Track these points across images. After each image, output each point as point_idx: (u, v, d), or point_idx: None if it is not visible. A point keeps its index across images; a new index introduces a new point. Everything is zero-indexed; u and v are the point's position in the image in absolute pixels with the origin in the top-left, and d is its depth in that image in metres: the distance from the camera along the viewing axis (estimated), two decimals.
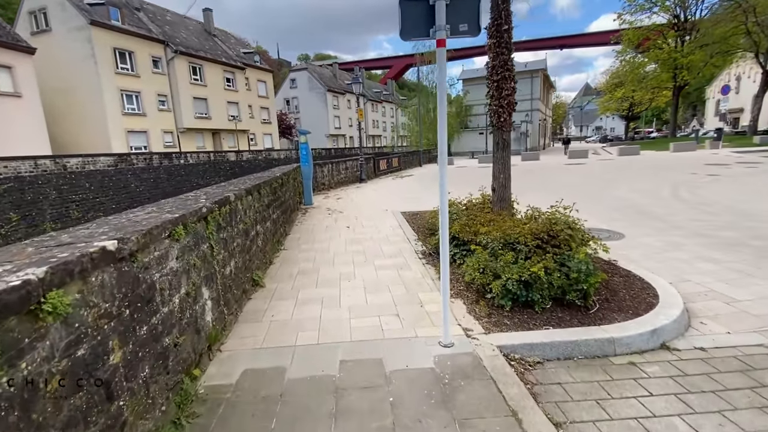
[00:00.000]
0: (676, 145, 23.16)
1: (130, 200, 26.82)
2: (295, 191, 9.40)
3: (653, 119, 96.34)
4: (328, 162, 14.06)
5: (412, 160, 26.63)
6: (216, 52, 39.39)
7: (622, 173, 14.76)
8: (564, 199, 4.49)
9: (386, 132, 75.58)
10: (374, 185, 15.28)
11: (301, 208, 9.82)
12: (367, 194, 12.39)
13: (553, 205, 4.30)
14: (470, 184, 13.24)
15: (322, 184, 13.62)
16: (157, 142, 33.34)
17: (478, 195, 6.62)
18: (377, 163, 19.13)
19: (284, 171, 7.87)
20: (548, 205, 4.54)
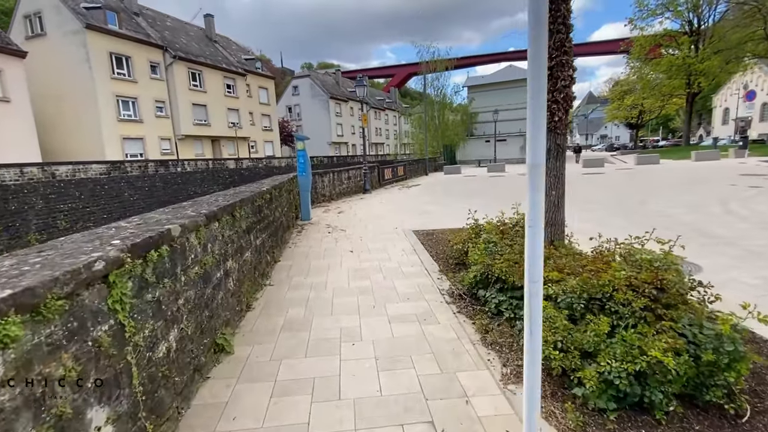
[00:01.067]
0: (698, 153, 21.88)
1: (123, 210, 25.71)
2: (291, 206, 8.16)
3: (659, 127, 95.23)
4: (329, 171, 12.85)
5: (417, 168, 25.44)
6: (216, 58, 38.57)
7: (650, 184, 13.47)
8: (596, 213, 3.21)
9: (389, 140, 74.68)
10: (379, 196, 14.04)
11: (297, 224, 8.57)
12: (372, 207, 11.13)
13: (621, 238, 3.01)
14: (491, 196, 11.96)
15: (322, 195, 12.39)
16: (154, 149, 32.31)
17: (512, 214, 5.32)
18: (382, 172, 17.92)
19: (276, 183, 6.64)
20: (580, 221, 3.27)
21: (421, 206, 10.92)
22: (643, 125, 61.80)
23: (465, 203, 10.95)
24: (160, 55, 32.62)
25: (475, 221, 5.61)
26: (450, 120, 42.13)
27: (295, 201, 9.22)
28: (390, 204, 11.68)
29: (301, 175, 8.87)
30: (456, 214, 9.16)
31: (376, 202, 12.17)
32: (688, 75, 33.32)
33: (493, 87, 47.74)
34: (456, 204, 10.97)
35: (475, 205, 9.74)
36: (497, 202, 11.10)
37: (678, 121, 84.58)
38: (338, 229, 7.81)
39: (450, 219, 8.58)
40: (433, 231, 7.20)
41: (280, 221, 6.51)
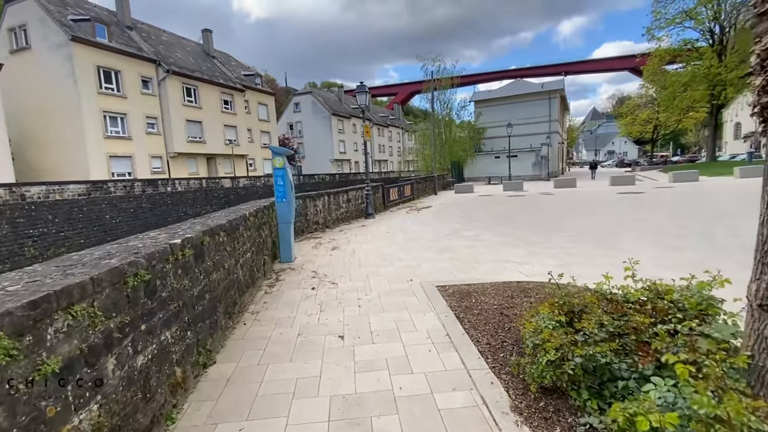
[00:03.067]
0: (743, 170, 19.44)
1: (104, 233, 23.47)
2: (261, 247, 5.79)
3: (668, 143, 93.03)
4: (323, 193, 10.51)
5: (425, 187, 23.14)
6: (214, 74, 37.04)
7: (722, 208, 11.02)
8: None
9: (393, 157, 72.96)
10: (385, 223, 11.65)
11: (272, 271, 6.17)
12: (376, 239, 8.72)
13: None
14: (524, 224, 9.55)
15: (314, 223, 10.03)
16: (143, 167, 30.34)
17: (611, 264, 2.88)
18: (387, 192, 15.60)
19: (238, 216, 4.33)
20: None
21: (439, 238, 8.50)
22: (658, 140, 59.51)
23: (495, 233, 8.55)
24: (152, 69, 31.02)
25: (556, 285, 3.22)
26: (457, 135, 40.14)
27: (272, 237, 6.85)
28: (399, 234, 9.27)
29: (280, 201, 6.52)
30: (489, 251, 6.74)
31: (382, 232, 9.76)
32: (713, 86, 31.19)
33: (501, 101, 45.89)
34: (484, 235, 8.57)
35: (509, 236, 7.28)
36: (537, 232, 8.72)
37: (690, 136, 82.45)
38: (327, 281, 5.39)
39: (484, 260, 6.16)
40: (469, 287, 4.77)
41: (235, 278, 4.12)
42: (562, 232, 8.54)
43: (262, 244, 5.82)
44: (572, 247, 6.95)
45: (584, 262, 5.94)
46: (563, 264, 5.84)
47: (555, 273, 5.54)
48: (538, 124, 43.98)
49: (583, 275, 5.26)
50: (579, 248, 6.89)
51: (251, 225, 5.16)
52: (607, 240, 7.47)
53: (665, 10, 33.10)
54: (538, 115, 44.09)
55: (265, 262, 5.87)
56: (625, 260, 5.80)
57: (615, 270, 5.46)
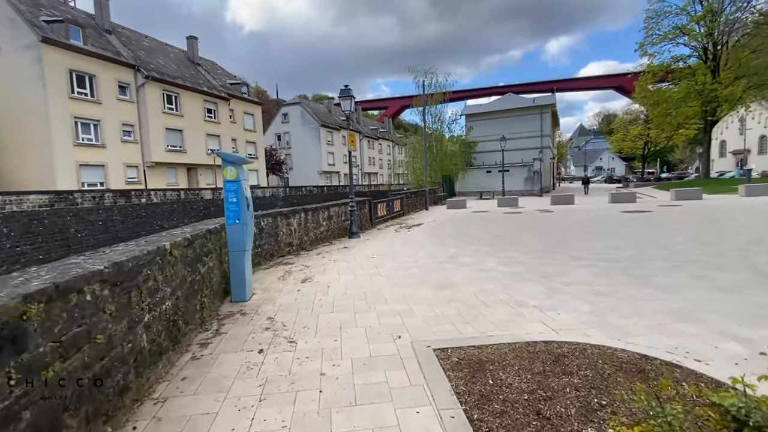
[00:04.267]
0: (749, 188, 18.60)
1: (66, 248, 21.56)
2: (199, 287, 4.32)
3: (655, 160, 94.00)
4: (299, 210, 9.05)
5: (416, 202, 21.85)
6: (197, 81, 35.66)
7: (748, 229, 9.89)
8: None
9: (383, 169, 71.98)
10: (371, 244, 10.22)
11: (216, 316, 4.68)
12: (359, 267, 7.27)
13: None
14: (532, 247, 8.24)
15: (288, 245, 8.55)
16: (117, 177, 28.58)
17: None
18: (374, 207, 14.21)
19: (144, 252, 2.89)
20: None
21: (433, 267, 7.10)
22: (648, 157, 59.59)
23: (500, 260, 7.16)
24: (131, 74, 29.52)
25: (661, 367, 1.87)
26: (448, 149, 39.19)
27: (222, 268, 5.38)
28: (386, 261, 7.84)
29: (232, 224, 5.06)
30: (498, 287, 5.34)
31: (366, 256, 8.32)
32: (707, 102, 30.83)
33: (493, 116, 45.32)
34: (487, 262, 7.19)
35: (517, 264, 5.97)
36: (548, 259, 6.95)
37: (677, 153, 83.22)
38: (283, 338, 3.92)
39: (493, 301, 4.77)
40: (480, 352, 3.37)
41: (117, 356, 2.64)
42: (578, 259, 7.22)
43: (200, 282, 4.34)
44: (598, 283, 5.61)
45: (623, 306, 4.59)
46: (597, 310, 4.48)
47: (590, 322, 4.20)
48: (529, 138, 43.41)
49: (631, 329, 3.84)
50: (607, 283, 5.55)
51: (177, 260, 3.69)
52: (636, 272, 6.16)
53: (658, 26, 32.97)
54: (529, 129, 43.55)
55: (204, 306, 4.38)
56: (669, 299, 4.49)
57: (666, 319, 4.10)
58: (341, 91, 10.45)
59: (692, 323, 4.00)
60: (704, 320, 4.07)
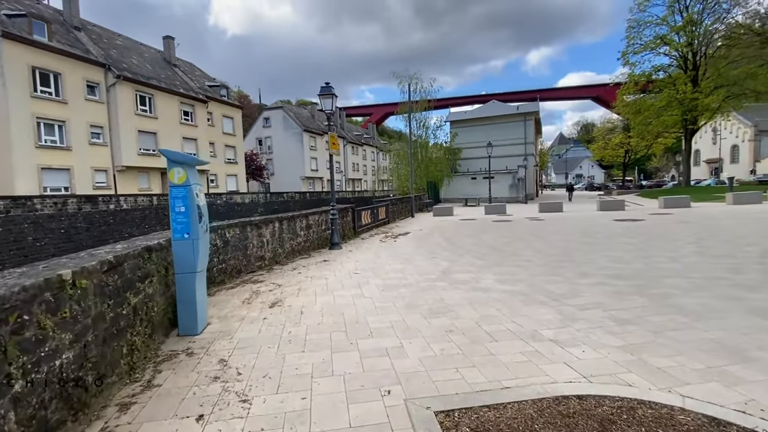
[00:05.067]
0: (736, 196, 18.49)
1: (22, 258, 19.87)
2: (128, 324, 3.32)
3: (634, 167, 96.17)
4: (273, 219, 8.05)
5: (402, 209, 21.03)
6: (173, 82, 34.22)
7: (754, 239, 9.40)
8: None
9: (367, 176, 71.19)
10: (354, 255, 9.29)
11: (152, 359, 3.68)
12: (339, 286, 6.31)
13: None
14: (531, 260, 7.47)
15: (259, 259, 7.55)
16: (84, 182, 26.86)
17: None
18: (358, 215, 13.30)
19: (4, 295, 1.90)
20: None
21: (425, 286, 6.22)
22: (629, 164, 60.59)
23: (499, 277, 6.23)
24: (101, 74, 27.97)
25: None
26: (433, 155, 38.70)
27: (169, 292, 4.38)
28: (370, 277, 6.92)
29: (180, 239, 4.08)
30: (503, 312, 4.44)
31: (348, 272, 7.38)
32: (687, 111, 31.20)
33: (477, 122, 45.13)
34: (485, 278, 6.35)
35: (519, 282, 5.15)
36: (553, 275, 6.15)
37: (654, 162, 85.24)
38: (234, 393, 2.96)
39: (502, 333, 3.92)
40: (498, 417, 2.49)
41: None
42: (584, 275, 6.47)
43: (129, 316, 3.34)
44: (615, 306, 4.84)
45: (656, 339, 3.80)
46: (628, 345, 3.68)
47: (625, 363, 3.38)
48: (513, 146, 43.32)
49: (679, 373, 3.00)
50: (626, 307, 4.78)
51: (89, 293, 2.71)
52: (653, 291, 5.42)
53: (639, 35, 33.34)
54: (513, 137, 43.47)
55: (135, 348, 3.37)
56: (705, 328, 3.72)
57: (716, 359, 3.15)
58: (321, 88, 9.55)
59: (750, 365, 3.22)
60: (762, 359, 3.30)
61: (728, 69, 29.60)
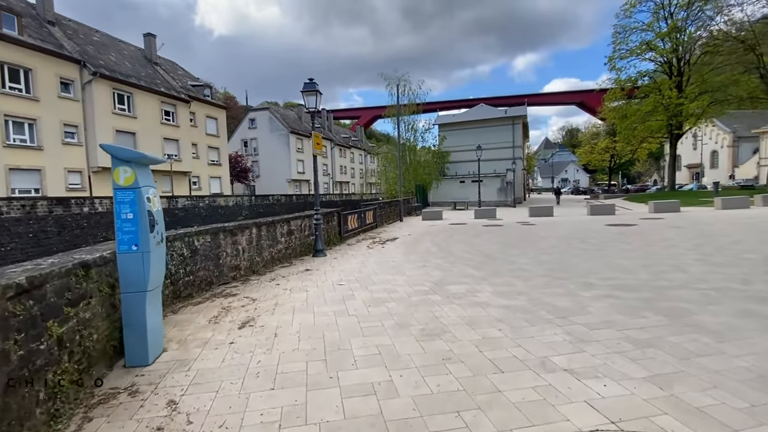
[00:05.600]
0: (725, 200, 18.48)
1: None
2: (54, 361, 2.63)
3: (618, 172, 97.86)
4: (250, 225, 7.37)
5: (390, 212, 20.47)
6: (154, 81, 33.10)
7: (757, 245, 9.11)
8: None
9: (355, 179, 70.55)
10: (339, 264, 8.66)
11: (96, 395, 2.99)
12: (321, 301, 5.66)
13: None
14: (534, 270, 6.95)
15: (233, 269, 6.86)
16: (57, 183, 25.60)
17: None
18: (344, 220, 12.68)
19: None
20: None
21: (417, 301, 5.63)
22: (615, 169, 61.34)
23: (497, 289, 5.60)
24: (75, 71, 26.76)
25: None
26: (422, 158, 38.34)
27: (116, 315, 3.69)
28: (356, 289, 6.30)
29: (127, 251, 3.42)
30: (506, 334, 3.79)
31: (331, 284, 6.75)
32: (673, 116, 31.50)
33: (466, 126, 44.98)
34: (482, 291, 5.80)
35: (519, 295, 4.77)
36: (554, 287, 5.70)
37: (638, 166, 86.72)
38: None
39: (507, 360, 3.35)
40: None
41: None
42: (587, 287, 5.98)
43: (49, 353, 2.67)
44: (629, 324, 4.34)
45: (683, 367, 3.29)
46: (655, 375, 3.15)
47: (657, 401, 2.82)
48: (502, 149, 43.27)
49: (723, 415, 2.52)
50: (641, 325, 4.29)
51: None
52: (665, 305, 4.96)
53: (625, 41, 33.62)
54: (501, 140, 43.43)
55: (58, 392, 2.70)
56: (735, 353, 3.20)
57: (760, 394, 2.16)
58: (305, 84, 8.93)
59: None
60: None
61: (712, 75, 29.98)
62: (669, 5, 32.22)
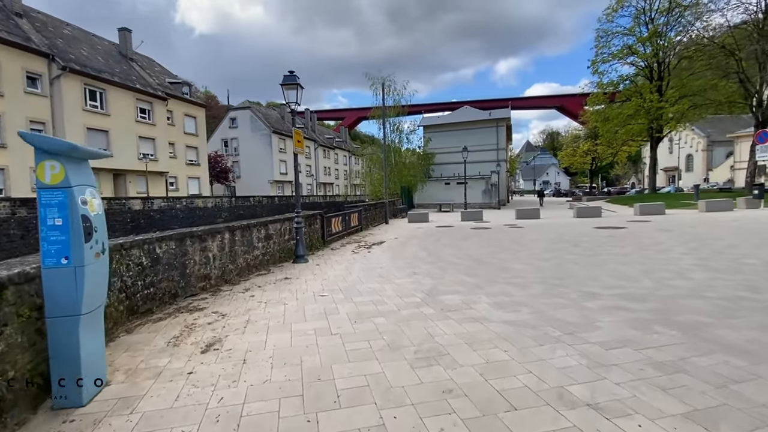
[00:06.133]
0: (709, 203, 18.58)
1: None
2: None
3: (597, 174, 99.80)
4: (221, 230, 6.67)
5: (375, 214, 19.89)
6: (129, 77, 31.75)
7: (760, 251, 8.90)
8: None
9: (339, 180, 69.75)
10: (321, 272, 8.03)
11: None
12: (300, 317, 4.96)
13: None
14: (531, 277, 6.47)
15: (203, 279, 6.16)
16: (22, 183, 24.15)
17: None
18: (327, 222, 12.04)
19: None
20: None
21: (407, 315, 5.06)
22: (596, 172, 62.33)
23: (494, 300, 4.98)
24: (43, 65, 25.35)
25: None
26: (407, 160, 37.94)
27: (35, 352, 3.00)
28: (340, 303, 5.69)
29: (55, 265, 2.75)
30: (512, 356, 3.23)
31: (312, 294, 6.12)
32: (654, 119, 31.94)
33: (450, 128, 44.86)
34: (478, 301, 5.29)
35: (520, 307, 4.59)
36: (555, 298, 5.31)
37: (617, 169, 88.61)
38: None
39: (521, 395, 2.79)
40: None
41: None
42: (591, 296, 5.54)
43: None
44: (646, 341, 3.88)
45: (727, 402, 2.81)
46: (694, 411, 2.67)
47: None
48: (486, 151, 43.31)
49: None
50: (659, 343, 3.83)
51: None
52: (680, 318, 4.54)
53: (608, 45, 33.98)
54: (486, 142, 43.46)
55: None
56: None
57: None
58: (285, 77, 8.28)
59: None
60: None
61: (691, 80, 30.49)
62: (650, 10, 32.73)
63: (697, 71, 30.40)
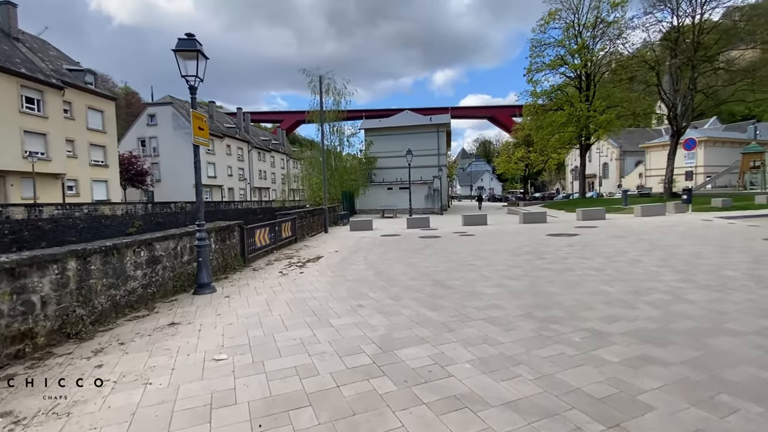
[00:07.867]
0: (644, 208, 19.04)
1: None
2: None
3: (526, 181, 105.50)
4: (62, 255, 4.28)
5: (312, 222, 17.74)
6: (11, 59, 26.38)
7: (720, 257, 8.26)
8: None
9: (276, 184, 65.85)
10: (229, 311, 5.83)
11: None
12: (166, 412, 2.90)
13: None
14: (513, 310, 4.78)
15: (21, 339, 3.74)
16: None
17: None
18: (248, 235, 9.75)
19: None
20: None
21: (353, 396, 3.20)
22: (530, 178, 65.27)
23: (476, 351, 3.25)
24: None
25: None
26: (348, 164, 36.09)
27: None
28: (245, 373, 3.64)
29: None
30: None
31: (200, 357, 3.99)
32: (584, 127, 33.41)
33: (392, 131, 43.90)
34: (457, 359, 3.57)
35: (515, 363, 2.85)
36: (538, 333, 3.74)
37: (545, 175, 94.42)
38: None
39: None
40: None
41: None
42: (604, 339, 4.10)
43: None
44: None
45: None
46: None
47: None
48: (428, 156, 42.95)
49: None
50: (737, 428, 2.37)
51: None
52: (752, 378, 3.20)
53: (541, 54, 35.10)
54: (427, 147, 43.12)
55: None
56: None
57: None
58: (180, 41, 6.04)
59: None
60: None
61: (614, 91, 32.35)
62: (578, 24, 34.34)
63: (617, 84, 32.31)
